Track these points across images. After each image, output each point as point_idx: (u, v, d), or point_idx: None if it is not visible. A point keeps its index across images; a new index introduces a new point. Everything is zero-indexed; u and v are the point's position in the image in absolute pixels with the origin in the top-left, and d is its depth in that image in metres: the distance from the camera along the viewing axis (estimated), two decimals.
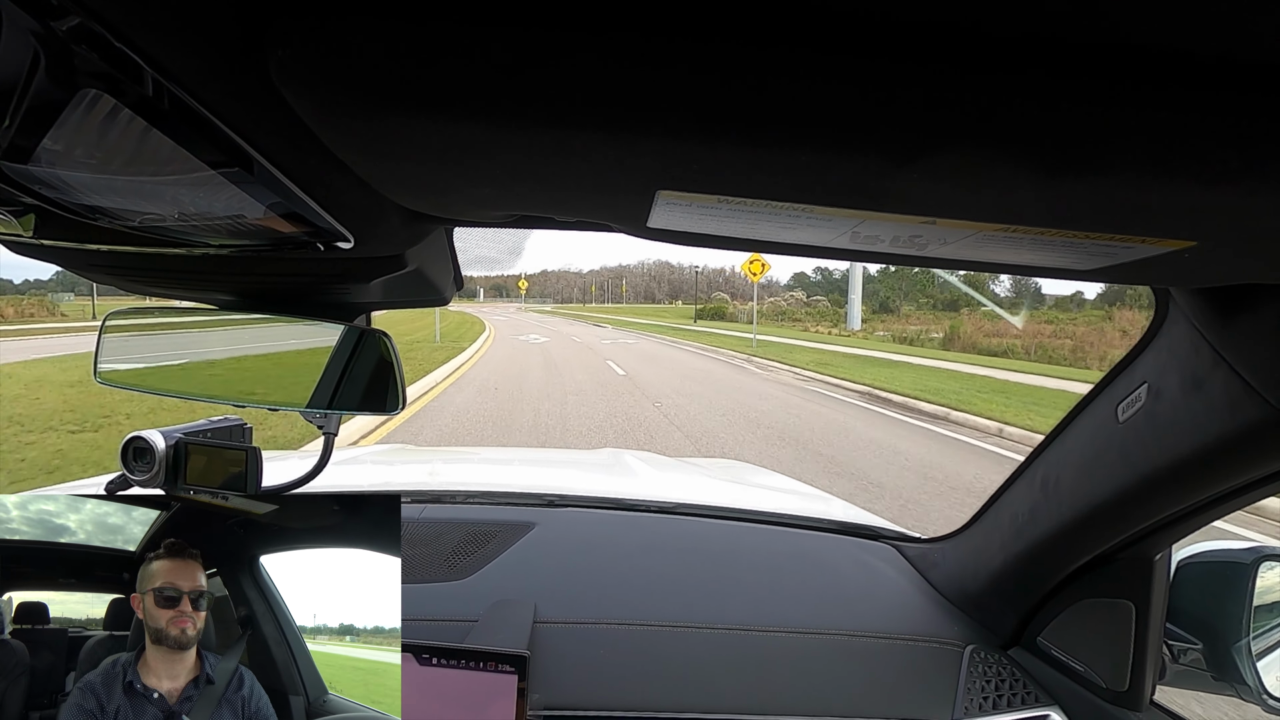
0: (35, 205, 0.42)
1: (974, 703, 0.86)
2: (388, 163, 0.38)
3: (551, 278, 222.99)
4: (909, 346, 25.56)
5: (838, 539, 1.21)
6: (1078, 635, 0.86)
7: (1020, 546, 0.87)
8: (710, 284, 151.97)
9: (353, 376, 0.78)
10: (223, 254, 0.56)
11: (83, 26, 0.25)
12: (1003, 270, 0.51)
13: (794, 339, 27.81)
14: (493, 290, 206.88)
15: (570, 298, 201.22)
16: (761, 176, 0.35)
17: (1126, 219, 0.35)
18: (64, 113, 0.30)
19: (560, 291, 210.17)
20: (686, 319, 56.23)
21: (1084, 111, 0.27)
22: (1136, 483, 0.68)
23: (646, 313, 73.82)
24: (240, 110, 0.33)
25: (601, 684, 0.84)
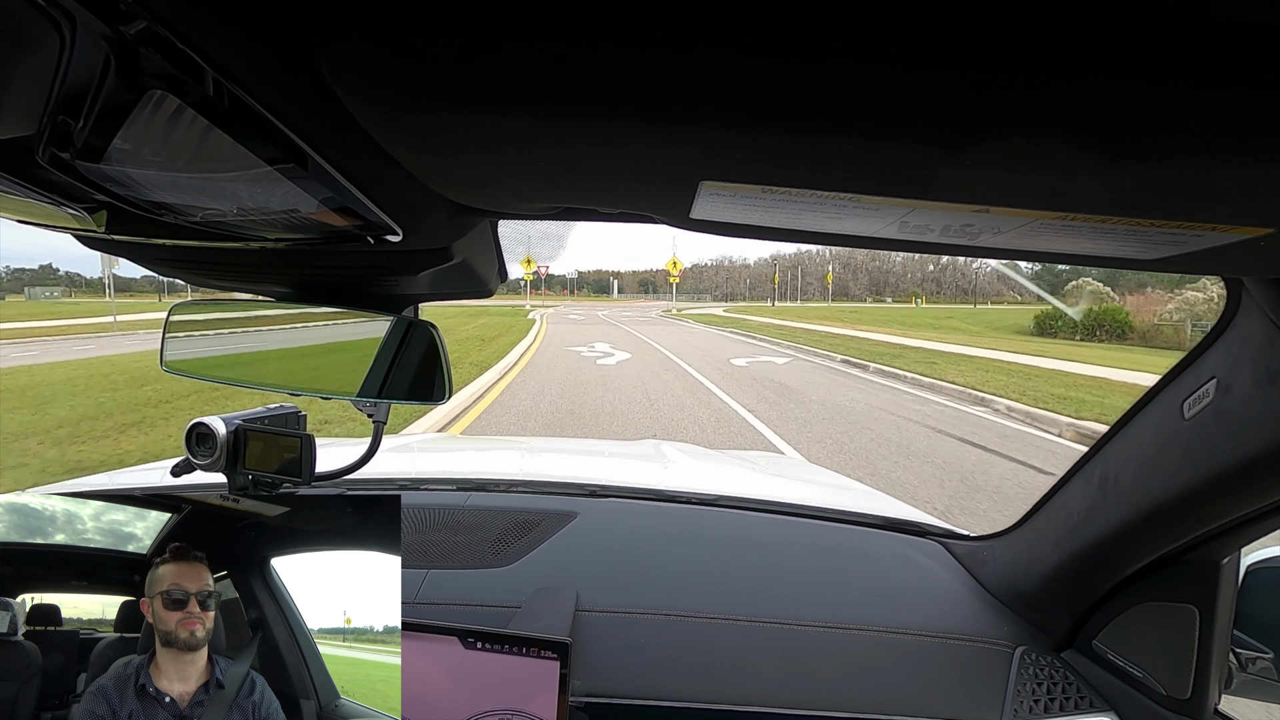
0: (107, 202, 0.44)
1: (1024, 705, 0.84)
2: (434, 156, 0.39)
3: (707, 271, 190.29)
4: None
5: (882, 534, 1.19)
6: (1136, 640, 0.83)
7: (1076, 546, 0.84)
8: (954, 271, 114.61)
9: (401, 366, 0.80)
10: (279, 248, 0.58)
11: (149, 30, 0.27)
12: (1059, 260, 0.49)
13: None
14: (639, 286, 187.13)
15: (734, 293, 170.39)
16: (806, 165, 0.34)
17: (1196, 205, 0.33)
18: (133, 113, 0.31)
19: (720, 286, 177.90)
20: (999, 332, 29.94)
21: (1148, 91, 0.26)
22: (1203, 483, 0.65)
23: (876, 318, 39.32)
24: (294, 108, 0.35)
25: (641, 673, 0.85)
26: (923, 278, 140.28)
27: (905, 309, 77.61)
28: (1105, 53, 0.25)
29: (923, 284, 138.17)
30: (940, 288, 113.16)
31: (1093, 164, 0.30)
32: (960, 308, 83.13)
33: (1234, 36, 0.24)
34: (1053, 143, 0.29)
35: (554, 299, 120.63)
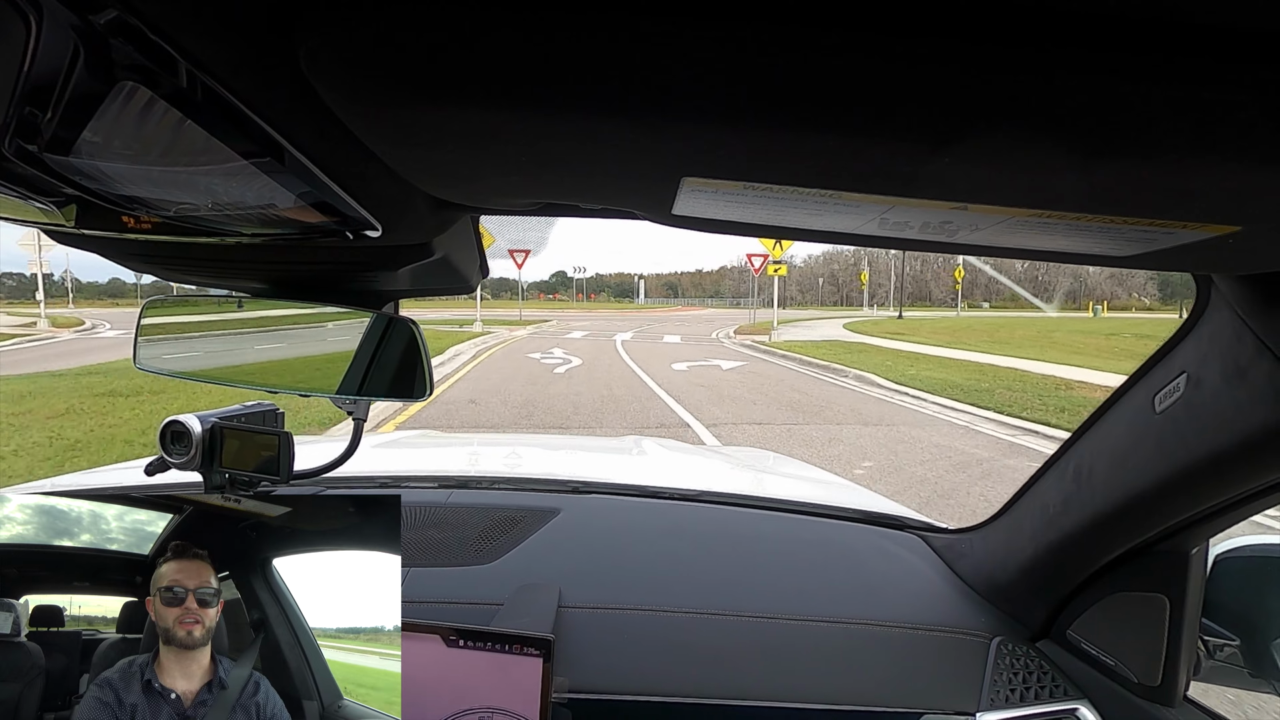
0: (77, 196, 0.43)
1: (1000, 694, 0.85)
2: (414, 151, 0.39)
3: (730, 274, 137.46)
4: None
5: (862, 528, 1.20)
6: (1109, 629, 0.85)
7: (1051, 538, 0.86)
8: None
9: (381, 363, 0.79)
10: (255, 242, 0.57)
11: (119, 20, 0.26)
12: (1035, 257, 0.49)
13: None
14: (664, 289, 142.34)
15: (781, 297, 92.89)
16: (788, 162, 0.34)
17: (1169, 203, 0.34)
18: (103, 105, 0.31)
19: (754, 288, 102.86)
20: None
21: (1124, 88, 0.26)
22: (1173, 475, 0.66)
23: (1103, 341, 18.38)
24: (271, 101, 0.34)
25: (625, 669, 0.85)
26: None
27: (1079, 318, 46.60)
28: (1085, 51, 0.25)
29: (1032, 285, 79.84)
30: (1043, 289, 71.45)
31: (1070, 161, 0.30)
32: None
33: (1206, 36, 0.25)
34: (1033, 140, 0.29)
35: (555, 306, 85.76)
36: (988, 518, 1.07)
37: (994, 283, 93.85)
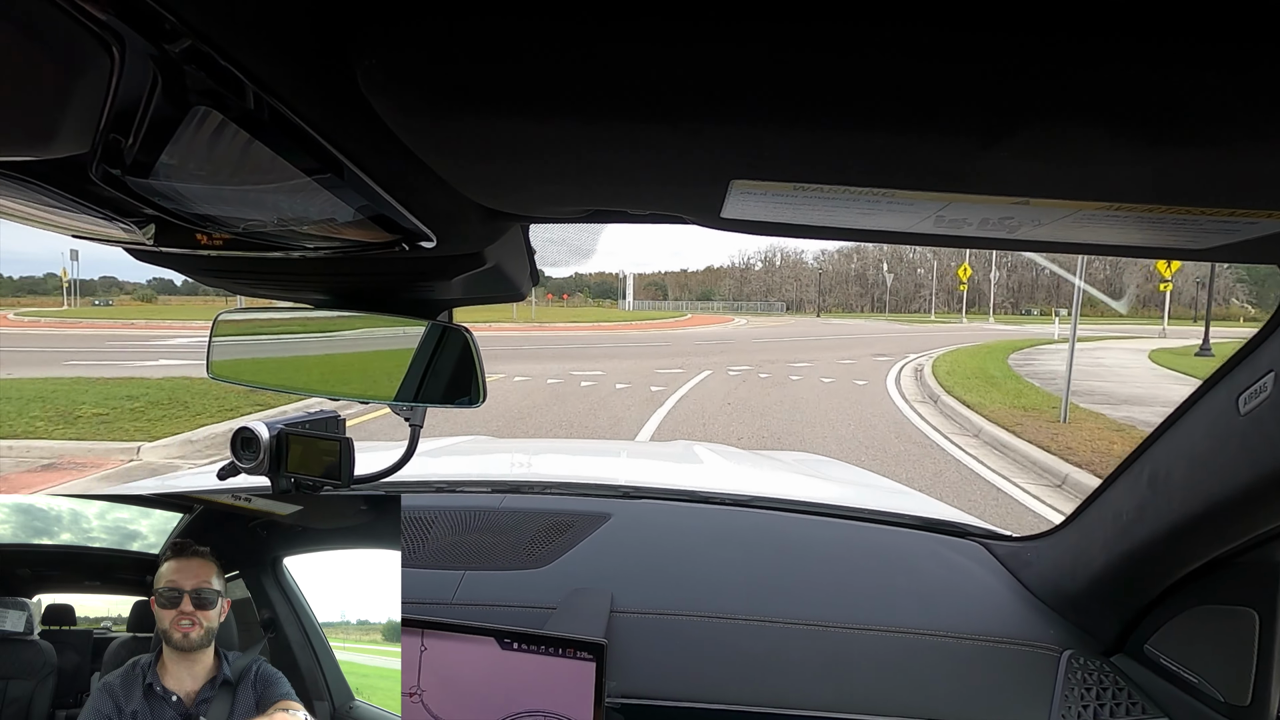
0: (155, 216, 0.46)
1: (1072, 711, 0.81)
2: (466, 162, 0.40)
3: (754, 274, 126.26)
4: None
5: (920, 535, 1.16)
6: (1192, 644, 0.80)
7: (1125, 547, 0.82)
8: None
9: (436, 370, 0.81)
10: (317, 256, 0.60)
11: (193, 48, 0.28)
12: (1106, 253, 0.47)
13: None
14: (653, 290, 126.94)
15: (802, 299, 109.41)
16: (837, 161, 0.34)
17: (1247, 191, 0.32)
18: (179, 129, 0.33)
19: (777, 289, 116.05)
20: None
21: (1187, 75, 0.25)
22: (1261, 481, 0.62)
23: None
24: (330, 118, 0.35)
25: (677, 674, 0.85)
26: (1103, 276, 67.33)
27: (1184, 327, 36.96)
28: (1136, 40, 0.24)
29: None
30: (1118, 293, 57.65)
31: (1131, 151, 0.29)
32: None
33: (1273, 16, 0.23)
34: (1089, 131, 0.28)
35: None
36: (1054, 526, 1.02)
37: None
